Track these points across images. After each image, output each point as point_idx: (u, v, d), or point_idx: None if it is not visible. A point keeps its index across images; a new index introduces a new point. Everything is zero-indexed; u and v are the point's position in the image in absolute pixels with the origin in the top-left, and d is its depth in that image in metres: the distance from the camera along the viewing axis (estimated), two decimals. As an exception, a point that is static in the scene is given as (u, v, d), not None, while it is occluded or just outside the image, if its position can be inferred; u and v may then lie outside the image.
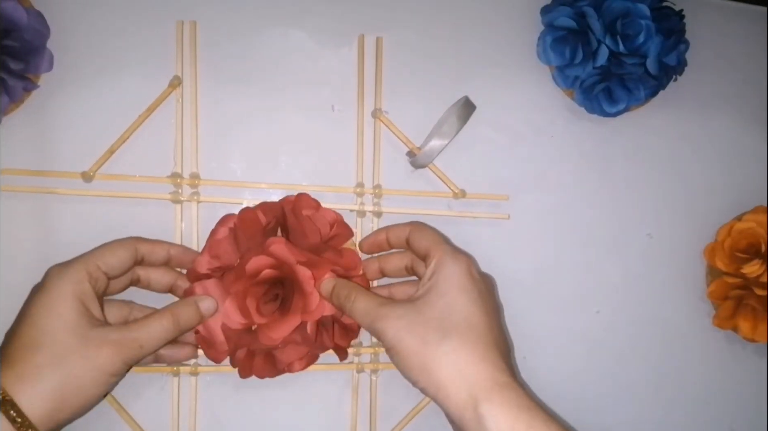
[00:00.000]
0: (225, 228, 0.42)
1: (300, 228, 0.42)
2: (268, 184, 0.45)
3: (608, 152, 0.52)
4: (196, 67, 0.44)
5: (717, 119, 0.54)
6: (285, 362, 0.42)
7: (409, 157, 0.47)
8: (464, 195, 0.48)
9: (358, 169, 0.47)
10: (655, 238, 0.52)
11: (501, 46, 0.50)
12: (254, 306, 0.40)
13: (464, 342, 0.36)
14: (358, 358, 0.46)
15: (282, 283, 0.41)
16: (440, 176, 0.47)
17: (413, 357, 0.37)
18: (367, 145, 0.47)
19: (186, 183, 0.44)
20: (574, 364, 0.50)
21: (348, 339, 0.44)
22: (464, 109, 0.46)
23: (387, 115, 0.47)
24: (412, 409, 0.47)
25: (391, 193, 0.47)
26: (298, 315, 0.40)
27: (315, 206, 0.43)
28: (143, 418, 0.44)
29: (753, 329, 0.50)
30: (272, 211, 0.42)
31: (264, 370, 0.42)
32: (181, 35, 0.44)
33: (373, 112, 0.47)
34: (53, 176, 0.42)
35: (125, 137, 0.43)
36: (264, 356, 0.42)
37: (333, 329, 0.43)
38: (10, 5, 0.39)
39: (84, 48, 0.43)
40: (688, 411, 0.53)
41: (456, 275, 0.38)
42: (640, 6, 0.46)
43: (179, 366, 0.43)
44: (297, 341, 0.41)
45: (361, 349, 0.46)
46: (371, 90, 0.47)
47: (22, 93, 0.41)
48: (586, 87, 0.48)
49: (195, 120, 0.44)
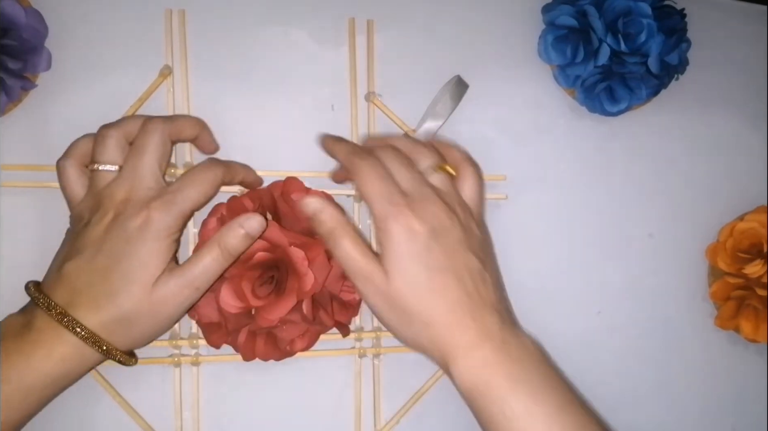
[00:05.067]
0: (214, 218, 0.42)
1: (291, 212, 0.42)
2: (263, 172, 0.45)
3: (610, 151, 0.51)
4: (186, 56, 0.44)
5: (719, 118, 0.54)
6: (286, 340, 0.42)
7: None
8: None
9: None
10: (657, 238, 0.52)
11: (502, 44, 0.50)
12: (249, 289, 0.41)
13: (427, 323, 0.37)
14: (359, 343, 0.46)
15: (276, 266, 0.41)
16: None
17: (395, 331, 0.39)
18: (361, 130, 0.46)
19: (180, 173, 0.44)
20: (576, 365, 0.50)
21: (348, 315, 0.44)
22: (457, 87, 0.45)
23: (380, 98, 0.47)
24: (416, 392, 0.47)
25: None
26: (293, 296, 0.41)
27: (303, 189, 0.43)
28: (145, 409, 0.43)
29: (755, 329, 0.50)
30: (260, 197, 0.42)
31: (267, 352, 0.42)
32: (170, 24, 0.44)
33: (366, 96, 0.47)
34: (53, 170, 0.42)
35: None
36: (265, 337, 0.42)
37: (332, 306, 0.43)
38: (8, 4, 0.39)
39: (82, 47, 0.43)
40: (690, 411, 0.52)
41: (398, 246, 0.37)
42: (641, 5, 0.46)
43: (180, 356, 0.43)
44: (295, 320, 0.41)
45: (362, 334, 0.46)
46: (364, 75, 0.46)
47: (20, 92, 0.41)
48: (588, 86, 0.48)
49: (187, 109, 0.44)
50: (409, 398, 0.47)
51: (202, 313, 0.42)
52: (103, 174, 0.38)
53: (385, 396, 0.46)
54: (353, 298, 0.44)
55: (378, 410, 0.46)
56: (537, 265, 0.50)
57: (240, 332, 0.42)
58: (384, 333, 0.46)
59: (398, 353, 0.46)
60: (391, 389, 0.47)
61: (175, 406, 0.44)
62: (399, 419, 0.46)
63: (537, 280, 0.50)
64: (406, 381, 0.47)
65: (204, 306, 0.42)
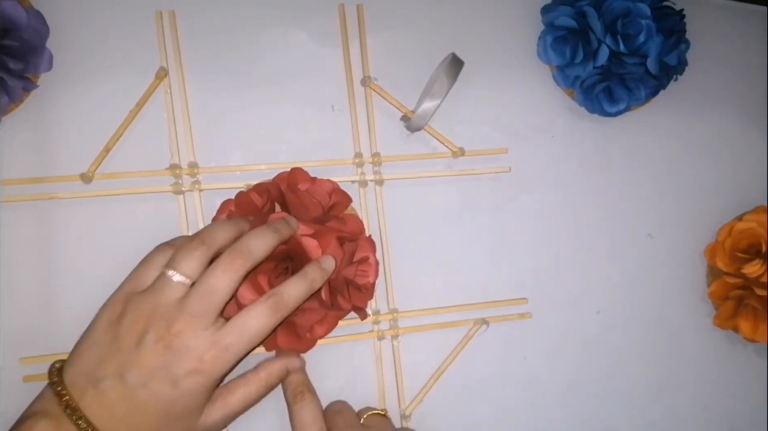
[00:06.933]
0: (224, 215, 0.42)
1: (300, 203, 0.42)
2: (266, 165, 0.45)
3: (609, 152, 0.52)
4: (181, 57, 0.44)
5: (718, 119, 0.54)
6: (305, 327, 0.42)
7: (404, 122, 0.47)
8: (463, 153, 0.48)
9: (354, 139, 0.47)
10: (656, 238, 0.52)
11: (501, 45, 0.50)
12: (266, 281, 0.41)
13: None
14: (377, 326, 0.46)
15: (290, 257, 0.42)
16: (437, 137, 0.48)
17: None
18: (360, 115, 0.47)
19: (185, 173, 0.44)
20: (575, 364, 0.50)
21: (364, 299, 0.44)
22: (452, 65, 0.45)
23: (377, 81, 0.47)
24: (436, 370, 0.47)
25: (391, 159, 0.47)
26: None
27: (310, 179, 0.43)
28: None
29: (753, 329, 0.50)
30: (267, 191, 0.43)
31: (289, 341, 0.42)
32: (161, 25, 0.44)
33: (362, 80, 0.47)
34: (53, 181, 0.42)
35: (119, 134, 0.43)
36: (285, 326, 0.42)
37: (348, 291, 0.43)
38: (10, 5, 0.39)
39: (84, 47, 0.43)
40: (689, 411, 0.53)
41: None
42: (640, 6, 0.46)
43: None
44: (314, 307, 0.42)
45: (379, 317, 0.46)
46: (357, 59, 0.47)
47: (21, 93, 0.41)
48: (587, 86, 0.48)
49: (186, 110, 0.44)
50: (430, 376, 0.47)
51: None
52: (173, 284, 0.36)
53: (406, 376, 0.47)
54: (368, 282, 0.44)
55: (401, 390, 0.47)
56: (536, 265, 0.50)
57: None
58: (401, 314, 0.47)
59: (416, 333, 0.47)
60: (411, 369, 0.47)
61: None
62: (422, 398, 0.47)
63: (536, 280, 0.50)
64: (426, 360, 0.47)
65: None
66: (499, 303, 0.49)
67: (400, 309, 0.47)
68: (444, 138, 0.48)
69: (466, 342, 0.48)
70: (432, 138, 0.48)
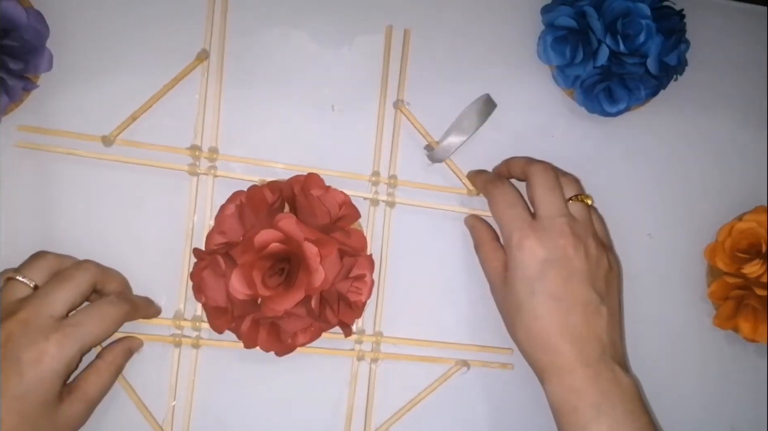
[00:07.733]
0: (233, 205, 0.43)
1: (309, 207, 0.42)
2: (284, 165, 0.46)
3: (609, 152, 0.52)
4: (224, 44, 0.45)
5: (718, 119, 0.54)
6: (289, 332, 0.42)
7: (427, 151, 0.47)
8: (478, 193, 0.48)
9: (375, 157, 0.47)
10: (656, 238, 0.52)
11: (501, 45, 0.50)
12: (260, 278, 0.41)
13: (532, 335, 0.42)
14: (359, 346, 0.46)
15: (288, 259, 0.42)
16: (456, 172, 0.48)
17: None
18: (386, 135, 0.47)
19: (204, 156, 0.45)
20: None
21: (352, 315, 0.44)
22: (485, 106, 0.47)
23: (408, 106, 0.47)
24: (408, 401, 0.47)
25: (406, 184, 0.47)
26: (302, 290, 0.41)
27: (324, 186, 0.44)
28: (140, 385, 0.44)
29: (754, 329, 0.50)
30: (280, 190, 0.43)
31: (269, 343, 0.42)
32: (212, 9, 0.45)
33: (395, 103, 0.47)
34: (73, 137, 0.42)
35: (149, 105, 0.43)
36: (269, 327, 0.42)
37: (338, 305, 0.43)
38: (10, 5, 0.39)
39: (84, 47, 0.43)
40: (689, 411, 0.53)
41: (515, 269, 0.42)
42: (640, 5, 0.46)
43: (182, 337, 0.44)
44: (301, 314, 0.42)
45: (363, 337, 0.46)
46: (395, 81, 0.47)
47: (21, 93, 0.41)
48: (587, 86, 0.48)
49: (218, 95, 0.45)
50: (402, 407, 0.47)
51: (209, 296, 0.42)
52: (17, 285, 0.38)
53: (378, 402, 0.47)
54: (359, 300, 0.44)
55: (369, 415, 0.46)
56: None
57: (244, 319, 0.42)
58: (384, 338, 0.46)
59: (396, 361, 0.47)
60: (384, 395, 0.47)
61: (171, 385, 0.44)
62: (388, 428, 0.47)
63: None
64: (401, 389, 0.47)
65: (212, 289, 0.42)
66: (485, 348, 0.48)
67: (385, 333, 0.47)
68: (463, 175, 0.48)
69: (443, 381, 0.47)
70: (451, 172, 0.48)
